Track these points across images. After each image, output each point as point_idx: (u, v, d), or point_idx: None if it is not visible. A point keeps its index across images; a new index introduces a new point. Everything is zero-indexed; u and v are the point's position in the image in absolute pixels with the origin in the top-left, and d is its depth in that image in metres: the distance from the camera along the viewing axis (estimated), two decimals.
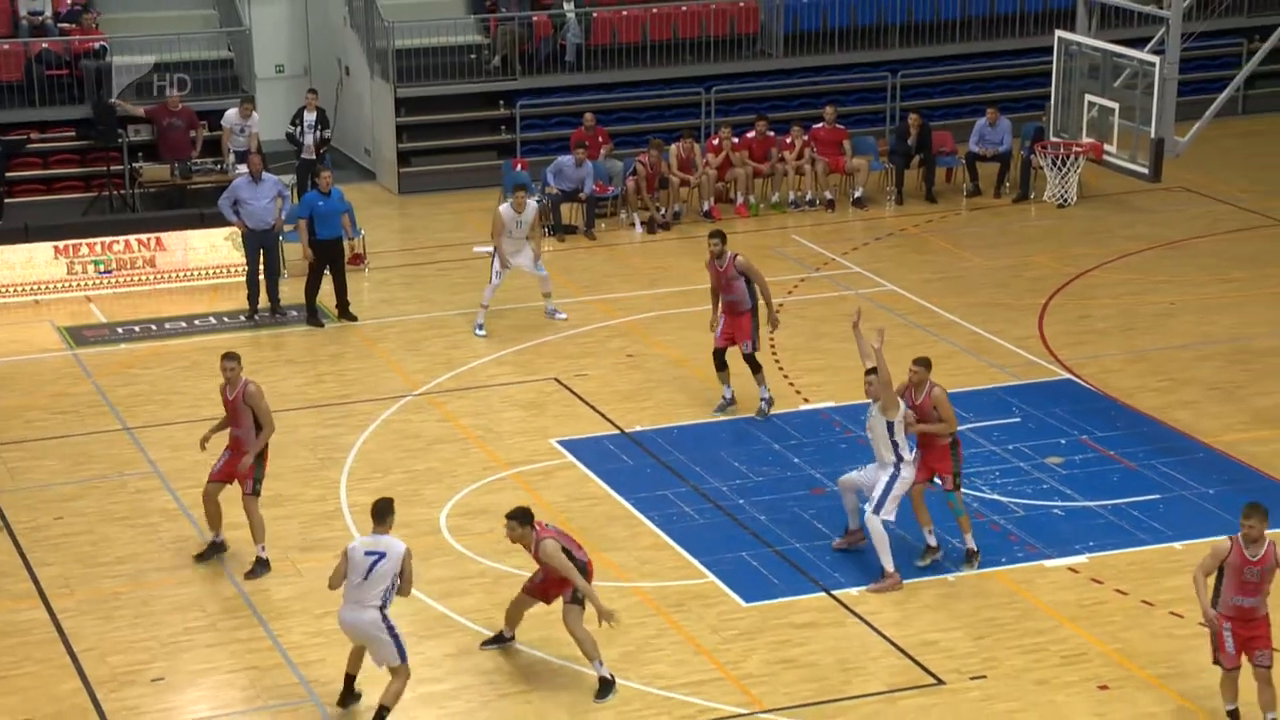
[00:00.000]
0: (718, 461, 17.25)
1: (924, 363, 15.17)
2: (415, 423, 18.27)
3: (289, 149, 24.61)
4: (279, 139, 24.87)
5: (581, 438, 17.79)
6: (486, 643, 14.13)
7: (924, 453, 15.02)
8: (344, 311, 21.05)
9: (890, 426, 14.78)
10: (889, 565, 14.90)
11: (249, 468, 15.12)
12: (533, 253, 20.44)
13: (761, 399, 18.12)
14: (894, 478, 14.83)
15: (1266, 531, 12.50)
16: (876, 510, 14.82)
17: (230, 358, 15.26)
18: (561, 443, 17.71)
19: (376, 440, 17.88)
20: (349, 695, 13.34)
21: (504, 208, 20.48)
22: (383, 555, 12.86)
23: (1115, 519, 16.08)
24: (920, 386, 15.00)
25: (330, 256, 20.70)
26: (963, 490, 15.29)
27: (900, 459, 14.82)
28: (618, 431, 17.97)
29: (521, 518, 13.42)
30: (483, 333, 20.45)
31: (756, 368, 18.03)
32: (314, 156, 24.22)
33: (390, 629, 12.92)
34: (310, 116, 24.34)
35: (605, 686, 13.42)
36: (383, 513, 13.06)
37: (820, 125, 25.50)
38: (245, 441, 15.14)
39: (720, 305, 18.02)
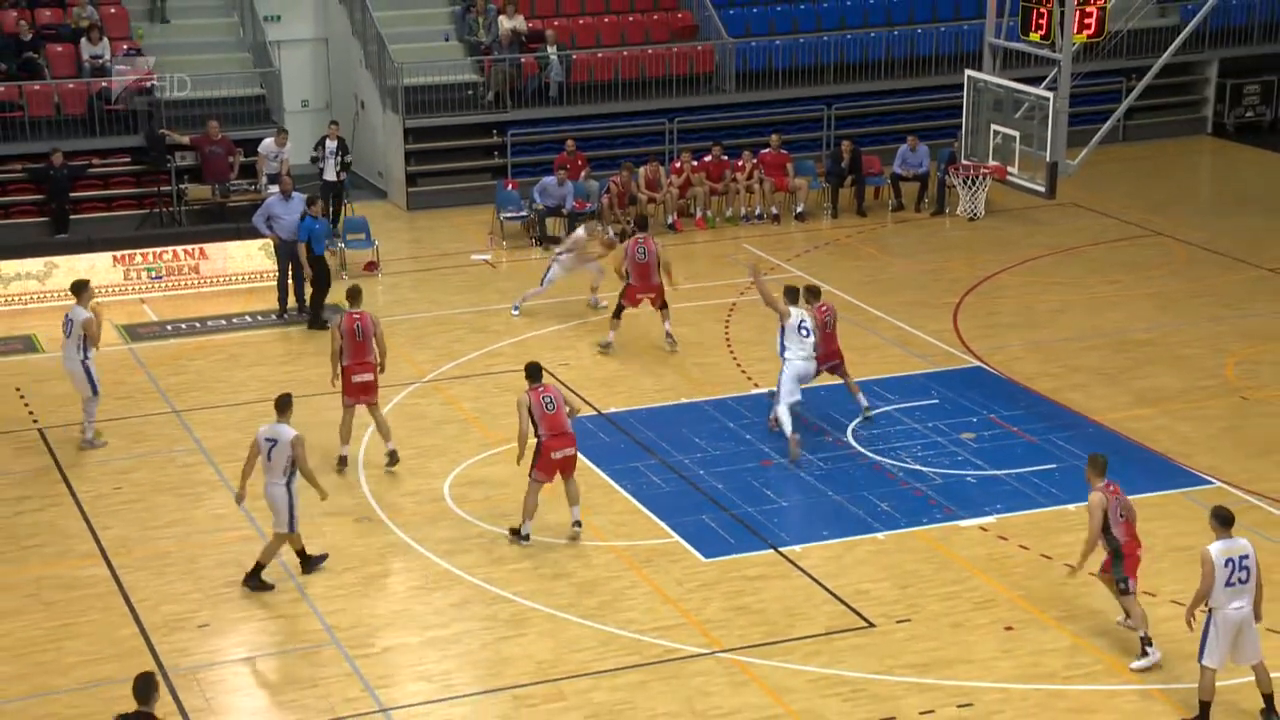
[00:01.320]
0: (681, 438, 17.20)
1: (812, 291, 17.07)
2: (422, 405, 18.18)
3: (313, 172, 24.42)
4: (305, 164, 24.69)
5: None
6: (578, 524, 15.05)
7: (825, 344, 16.90)
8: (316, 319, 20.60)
9: (781, 332, 16.49)
10: (789, 431, 16.49)
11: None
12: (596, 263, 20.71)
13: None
14: (780, 373, 16.58)
15: (1095, 480, 12.91)
16: (776, 401, 16.68)
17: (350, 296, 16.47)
18: None
19: (389, 420, 17.76)
20: (308, 561, 14.29)
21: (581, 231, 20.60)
22: (275, 441, 13.81)
23: (1019, 485, 16.07)
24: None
25: (319, 269, 20.46)
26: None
27: (783, 358, 16.50)
28: (596, 412, 17.89)
29: (528, 370, 14.79)
30: (517, 313, 20.69)
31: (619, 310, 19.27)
32: (335, 179, 24.09)
33: (289, 502, 13.83)
34: (332, 144, 24.12)
35: (514, 534, 14.71)
36: (280, 406, 13.97)
37: (767, 150, 25.44)
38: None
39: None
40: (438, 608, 13.90)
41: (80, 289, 16.86)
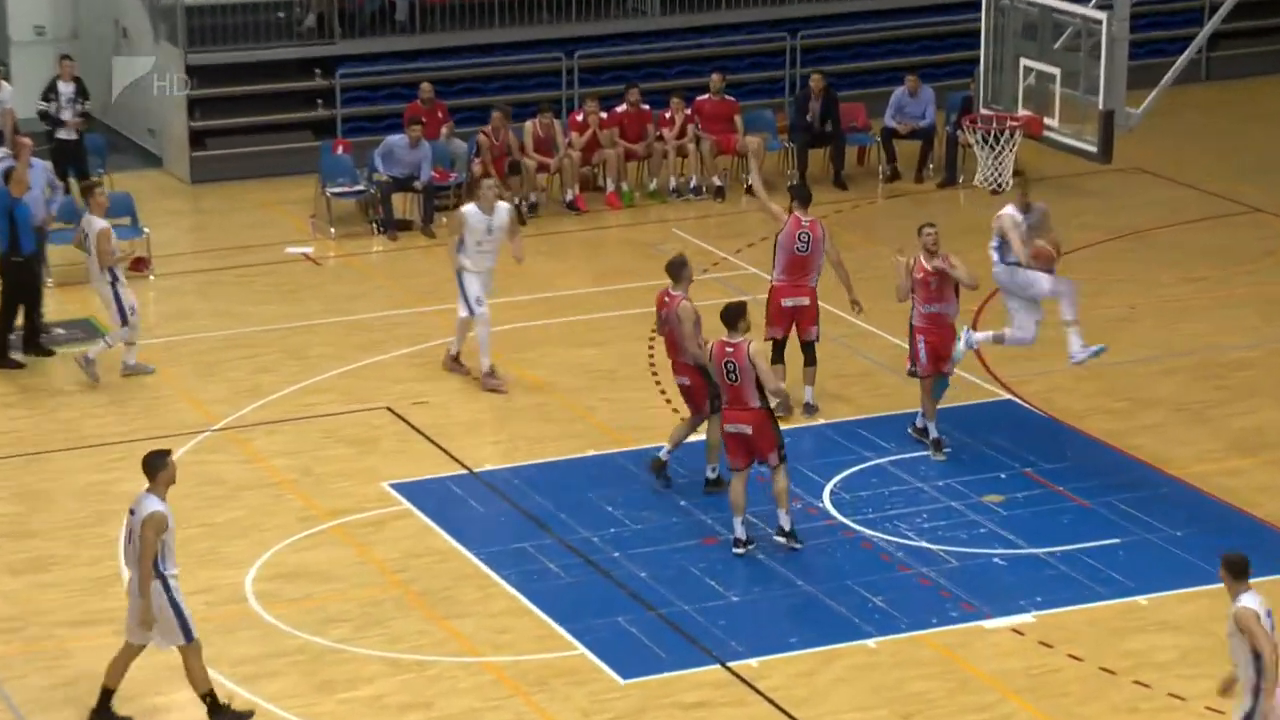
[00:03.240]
0: (587, 506, 17.14)
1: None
2: (214, 464, 18.01)
3: (44, 128, 24.18)
4: (33, 116, 24.47)
5: (420, 479, 17.67)
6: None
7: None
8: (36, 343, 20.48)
9: None
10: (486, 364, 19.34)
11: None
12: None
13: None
14: None
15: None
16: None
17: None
18: (395, 486, 17.55)
19: None
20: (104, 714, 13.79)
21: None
22: (133, 513, 13.71)
23: (1067, 569, 16.11)
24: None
25: (20, 275, 20.20)
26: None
27: None
28: (464, 471, 17.78)
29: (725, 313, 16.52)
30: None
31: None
32: (75, 136, 24.02)
33: (172, 600, 13.52)
34: (67, 88, 24.11)
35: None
36: (149, 468, 13.90)
37: (706, 96, 25.53)
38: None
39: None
40: None
41: (88, 191, 20.31)
